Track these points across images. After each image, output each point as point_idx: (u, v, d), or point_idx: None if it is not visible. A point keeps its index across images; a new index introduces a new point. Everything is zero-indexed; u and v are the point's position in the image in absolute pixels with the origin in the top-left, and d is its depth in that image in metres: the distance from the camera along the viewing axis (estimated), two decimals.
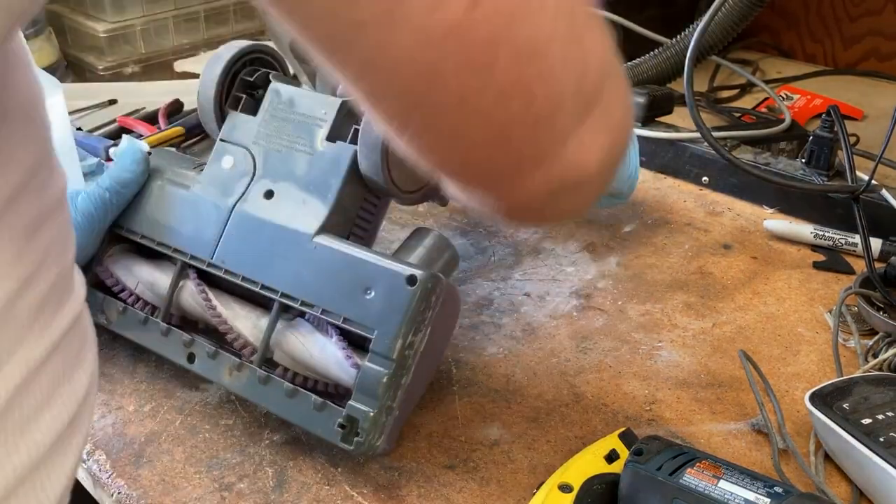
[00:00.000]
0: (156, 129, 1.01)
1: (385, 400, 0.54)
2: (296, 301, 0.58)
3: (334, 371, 0.57)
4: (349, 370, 0.56)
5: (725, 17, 0.97)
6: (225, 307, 0.61)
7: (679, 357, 0.69)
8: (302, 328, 0.59)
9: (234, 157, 0.64)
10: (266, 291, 0.59)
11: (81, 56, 1.31)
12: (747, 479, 0.47)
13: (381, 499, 0.55)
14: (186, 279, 0.63)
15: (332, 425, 0.54)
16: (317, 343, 0.58)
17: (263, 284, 0.59)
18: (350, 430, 0.54)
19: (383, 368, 0.54)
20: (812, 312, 0.75)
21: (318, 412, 0.56)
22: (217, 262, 0.62)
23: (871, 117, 1.15)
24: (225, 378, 0.60)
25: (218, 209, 0.63)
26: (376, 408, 0.54)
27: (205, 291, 0.62)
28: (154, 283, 0.65)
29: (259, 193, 0.62)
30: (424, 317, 0.54)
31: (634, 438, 0.55)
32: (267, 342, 0.59)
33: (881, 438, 0.54)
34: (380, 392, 0.54)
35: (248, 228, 0.61)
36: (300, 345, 0.58)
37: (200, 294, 0.62)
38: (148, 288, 0.65)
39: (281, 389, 0.57)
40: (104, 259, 0.67)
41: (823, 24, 1.38)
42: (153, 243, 0.65)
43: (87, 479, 0.58)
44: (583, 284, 0.78)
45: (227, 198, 0.63)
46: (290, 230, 0.60)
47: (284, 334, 0.59)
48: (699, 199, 0.95)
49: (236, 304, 0.62)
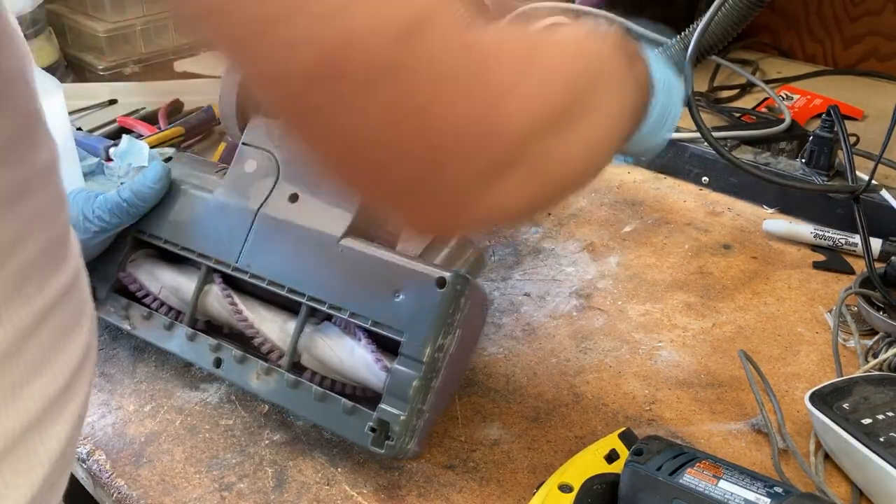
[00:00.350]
0: (156, 129, 1.01)
1: (416, 403, 0.53)
2: (323, 304, 0.58)
3: (363, 374, 0.57)
4: (378, 373, 0.56)
5: (725, 18, 0.97)
6: (251, 311, 0.61)
7: (679, 357, 0.69)
8: (329, 331, 0.59)
9: (257, 160, 0.64)
10: (293, 295, 0.59)
11: (81, 56, 1.31)
12: (747, 479, 0.47)
13: (381, 499, 0.55)
14: (211, 283, 0.63)
15: (362, 429, 0.54)
16: (345, 346, 0.58)
17: (290, 288, 0.59)
18: (381, 433, 0.54)
19: (414, 371, 0.54)
20: (812, 312, 0.75)
21: (348, 416, 0.55)
22: (242, 266, 0.61)
23: (871, 117, 1.15)
24: (252, 382, 0.59)
25: (242, 213, 0.62)
26: (407, 411, 0.53)
27: (231, 296, 0.61)
28: (178, 287, 0.64)
29: (283, 197, 0.62)
30: (454, 319, 0.54)
31: (634, 438, 0.55)
32: (295, 346, 0.59)
33: (881, 438, 0.54)
34: (410, 395, 0.53)
35: (273, 232, 0.61)
36: (328, 348, 0.58)
37: (226, 298, 0.62)
38: (172, 293, 0.65)
39: (310, 394, 0.57)
40: (127, 264, 0.67)
41: (823, 24, 1.38)
42: (177, 248, 0.65)
43: (87, 479, 0.58)
44: (583, 284, 0.78)
45: (251, 201, 0.62)
46: (317, 233, 0.59)
47: (312, 338, 0.59)
48: (699, 199, 0.95)
49: (262, 308, 0.62)
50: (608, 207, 0.92)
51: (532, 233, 0.87)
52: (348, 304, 0.57)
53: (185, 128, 1.00)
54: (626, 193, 0.96)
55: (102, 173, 0.87)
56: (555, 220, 0.89)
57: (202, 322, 0.65)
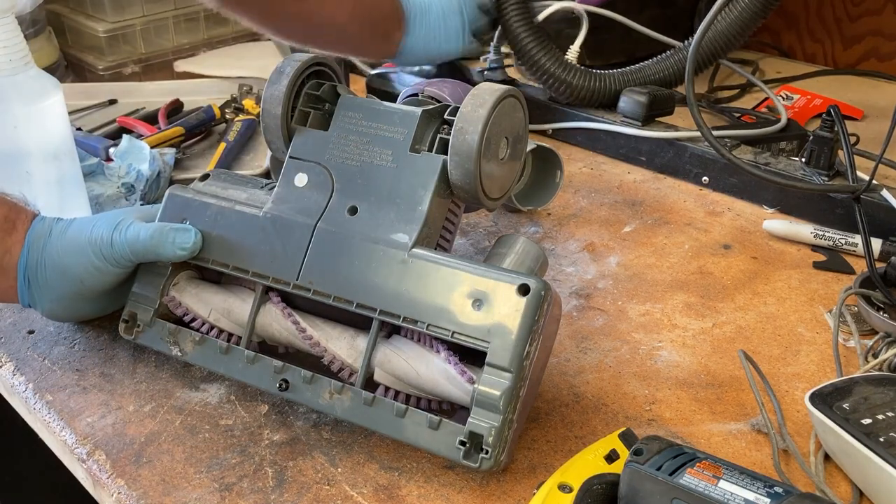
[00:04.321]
0: (156, 129, 1.01)
1: (507, 413, 0.53)
2: (398, 318, 0.56)
3: (444, 387, 0.56)
4: (462, 385, 0.55)
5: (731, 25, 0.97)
6: (315, 329, 0.60)
7: (679, 357, 0.69)
8: (402, 345, 0.58)
9: (308, 174, 0.62)
10: (362, 310, 0.58)
11: (81, 56, 1.32)
12: (747, 479, 0.47)
13: (381, 499, 0.55)
14: (265, 303, 0.62)
15: (450, 443, 0.54)
16: (422, 359, 0.56)
17: (359, 303, 0.58)
18: (472, 446, 0.53)
19: (503, 381, 0.53)
20: (812, 312, 0.75)
21: (433, 431, 0.55)
22: (303, 283, 0.60)
23: (871, 117, 1.15)
24: (324, 402, 0.58)
25: (298, 229, 0.61)
26: (499, 422, 0.53)
27: (293, 314, 0.60)
28: (230, 309, 0.63)
29: (341, 210, 0.61)
30: (538, 325, 0.53)
31: (634, 438, 0.55)
32: (368, 362, 0.57)
33: (881, 438, 0.54)
34: (501, 406, 0.53)
35: (334, 247, 0.60)
36: (403, 362, 0.57)
37: (288, 318, 0.60)
38: (224, 315, 0.63)
39: (389, 410, 0.56)
40: (170, 288, 0.65)
41: (823, 24, 1.38)
42: (226, 268, 0.63)
43: (87, 479, 0.58)
44: (583, 284, 0.78)
45: (307, 216, 0.61)
46: (383, 245, 0.58)
47: (384, 353, 0.58)
48: (699, 199, 0.95)
49: (326, 325, 0.60)
50: (608, 207, 0.92)
51: (532, 232, 0.87)
52: (425, 316, 0.56)
53: (185, 128, 1.00)
54: (626, 193, 0.96)
55: (102, 173, 0.87)
56: (555, 220, 0.89)
57: (255, 344, 0.63)
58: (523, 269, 0.59)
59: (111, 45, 1.29)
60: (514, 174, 0.64)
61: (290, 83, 0.64)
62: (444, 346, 0.56)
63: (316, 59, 0.66)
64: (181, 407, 0.62)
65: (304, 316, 0.61)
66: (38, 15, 1.24)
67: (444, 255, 0.57)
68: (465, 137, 0.57)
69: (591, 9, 1.10)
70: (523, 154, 0.65)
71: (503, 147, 0.61)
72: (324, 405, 0.58)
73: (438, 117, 0.62)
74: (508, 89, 0.59)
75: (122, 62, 1.30)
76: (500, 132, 0.60)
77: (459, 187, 0.59)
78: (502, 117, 0.59)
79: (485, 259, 0.60)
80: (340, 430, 0.60)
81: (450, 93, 0.82)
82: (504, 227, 0.88)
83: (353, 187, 0.61)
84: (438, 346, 0.56)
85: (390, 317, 0.57)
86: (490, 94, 0.58)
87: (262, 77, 1.11)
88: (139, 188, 0.85)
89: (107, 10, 1.28)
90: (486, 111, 0.57)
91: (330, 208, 0.61)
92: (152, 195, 0.85)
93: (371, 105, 0.63)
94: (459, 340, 0.55)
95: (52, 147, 0.74)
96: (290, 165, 0.64)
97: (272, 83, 0.64)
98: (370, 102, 0.63)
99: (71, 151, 0.77)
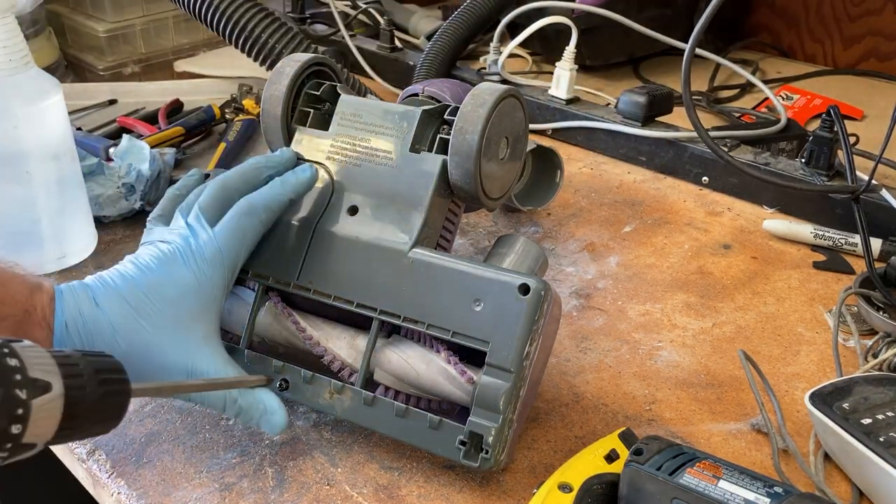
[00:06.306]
0: (156, 129, 1.01)
1: (507, 413, 0.53)
2: (398, 318, 0.56)
3: (444, 387, 0.56)
4: (462, 385, 0.55)
5: None
6: (315, 329, 0.60)
7: (679, 357, 0.69)
8: (402, 345, 0.58)
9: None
10: (362, 310, 0.58)
11: (81, 56, 1.32)
12: (747, 479, 0.47)
13: (381, 499, 0.55)
14: (265, 303, 0.62)
15: (451, 443, 0.53)
16: (422, 359, 0.56)
17: (359, 303, 0.58)
18: (472, 446, 0.53)
19: (503, 381, 0.53)
20: (812, 312, 0.75)
21: (434, 430, 0.55)
22: (303, 283, 0.60)
23: (871, 117, 1.15)
24: (324, 402, 0.58)
25: (297, 229, 0.61)
26: (499, 422, 0.53)
27: (292, 314, 0.60)
28: (229, 309, 0.63)
29: (342, 210, 0.61)
30: (538, 325, 0.53)
31: (634, 438, 0.55)
32: (368, 362, 0.57)
33: (881, 438, 0.54)
34: (501, 406, 0.53)
35: (334, 247, 0.60)
36: (403, 362, 0.57)
37: (288, 318, 0.60)
38: (223, 315, 0.62)
39: (390, 410, 0.56)
40: None
41: (823, 24, 1.38)
42: None
43: (87, 479, 0.58)
44: (583, 284, 0.78)
45: (306, 216, 0.61)
46: (383, 246, 0.58)
47: (384, 352, 0.58)
48: (699, 199, 0.95)
49: (326, 325, 0.60)
50: (608, 207, 0.92)
51: (532, 232, 0.87)
52: (425, 316, 0.56)
53: (185, 128, 1.00)
54: (626, 193, 0.96)
55: (102, 173, 0.87)
56: (555, 220, 0.89)
57: (255, 343, 0.63)
58: (523, 268, 0.59)
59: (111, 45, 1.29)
60: (514, 174, 0.64)
61: (290, 83, 0.64)
62: (444, 345, 0.56)
63: (316, 59, 0.66)
64: (181, 407, 0.62)
65: (304, 316, 0.61)
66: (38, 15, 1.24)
67: (444, 255, 0.57)
68: (465, 137, 0.57)
69: (592, 9, 1.10)
70: (523, 154, 0.65)
71: (503, 147, 0.61)
72: (324, 405, 0.58)
73: (438, 117, 0.62)
74: (508, 89, 0.59)
75: (122, 62, 1.30)
76: (500, 132, 0.60)
77: (459, 187, 0.59)
78: (502, 117, 0.59)
79: (485, 259, 0.60)
80: (340, 430, 0.60)
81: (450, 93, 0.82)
82: (504, 227, 0.88)
83: (353, 187, 0.61)
84: (438, 346, 0.56)
85: (390, 317, 0.57)
86: (490, 94, 0.58)
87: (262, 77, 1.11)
88: (139, 188, 0.85)
89: (107, 10, 1.28)
90: (486, 111, 0.57)
91: (330, 208, 0.61)
92: (152, 195, 0.85)
93: (371, 105, 0.63)
94: (459, 340, 0.55)
95: (52, 147, 0.74)
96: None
97: (272, 83, 0.64)
98: (370, 102, 0.63)
99: (71, 151, 0.77)
